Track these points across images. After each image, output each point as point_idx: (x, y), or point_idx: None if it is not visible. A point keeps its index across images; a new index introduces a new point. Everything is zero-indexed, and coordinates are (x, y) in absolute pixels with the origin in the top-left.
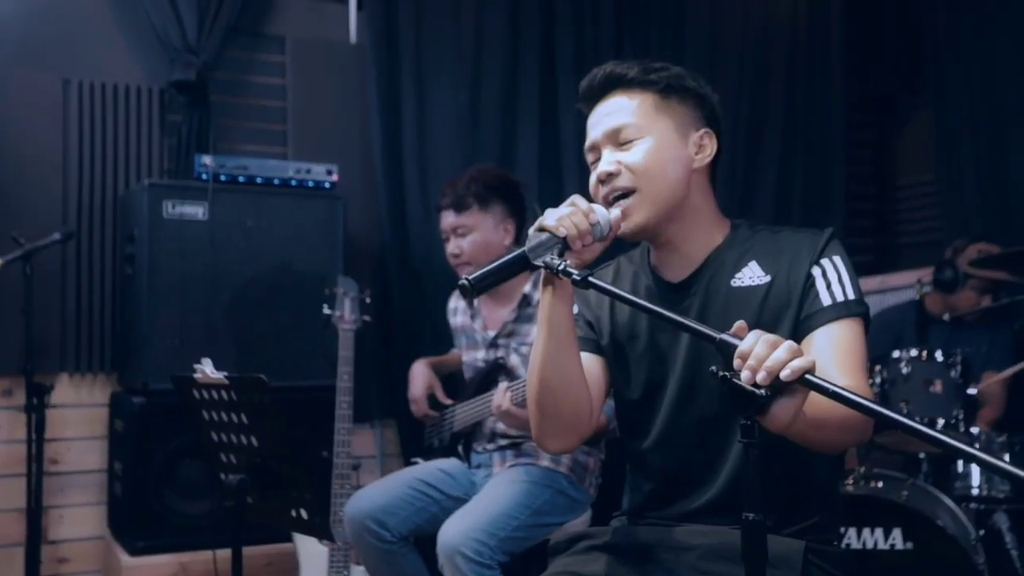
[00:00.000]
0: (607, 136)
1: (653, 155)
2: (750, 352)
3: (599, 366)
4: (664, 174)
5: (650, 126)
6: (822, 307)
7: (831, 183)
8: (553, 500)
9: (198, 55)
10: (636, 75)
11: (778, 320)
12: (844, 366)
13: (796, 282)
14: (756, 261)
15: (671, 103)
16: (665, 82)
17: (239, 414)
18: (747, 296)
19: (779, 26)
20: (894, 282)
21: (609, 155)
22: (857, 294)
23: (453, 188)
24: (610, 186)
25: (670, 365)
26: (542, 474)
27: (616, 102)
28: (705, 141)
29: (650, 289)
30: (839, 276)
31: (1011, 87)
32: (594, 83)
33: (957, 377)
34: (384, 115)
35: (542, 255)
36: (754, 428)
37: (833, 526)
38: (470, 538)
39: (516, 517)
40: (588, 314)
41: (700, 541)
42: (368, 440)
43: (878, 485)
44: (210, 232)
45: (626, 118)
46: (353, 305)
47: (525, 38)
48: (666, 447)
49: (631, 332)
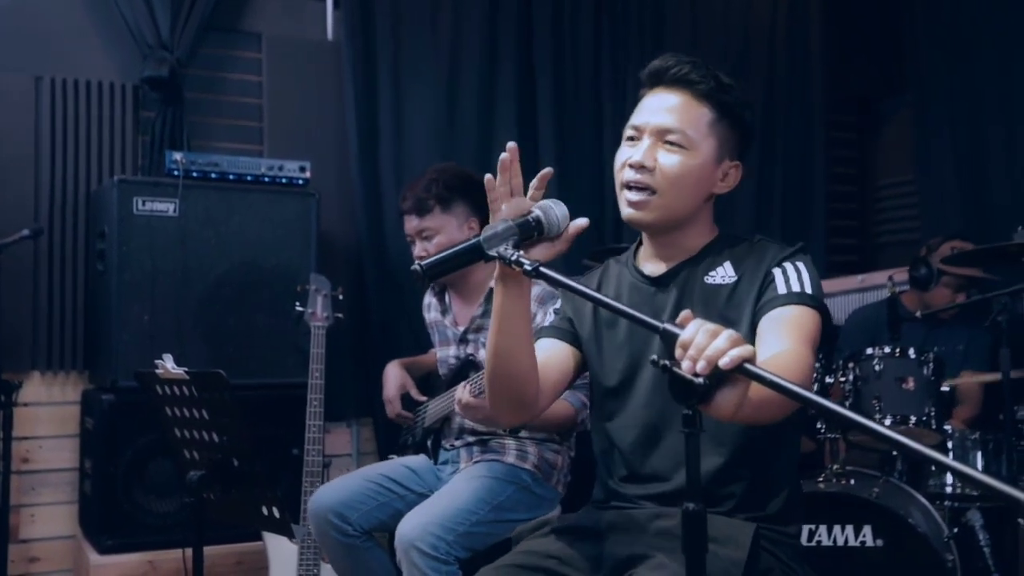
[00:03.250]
0: (658, 129)
1: (688, 171)
2: (691, 341)
3: (564, 355)
4: (688, 191)
5: (699, 142)
6: (777, 294)
7: (811, 183)
8: (517, 496)
9: (172, 51)
10: (707, 89)
11: (740, 314)
12: (790, 334)
13: (757, 280)
14: (729, 262)
15: (723, 125)
16: (728, 106)
17: (200, 410)
18: (716, 292)
19: (759, 26)
20: (874, 281)
21: (650, 147)
22: (815, 291)
23: (413, 191)
24: (636, 176)
25: (646, 354)
26: (505, 470)
27: (679, 100)
28: (731, 172)
29: (632, 284)
30: (798, 275)
31: (989, 87)
32: (667, 74)
33: (930, 375)
34: (360, 113)
35: (496, 245)
36: (695, 418)
37: (792, 518)
38: (427, 532)
39: (475, 512)
40: (570, 309)
41: (655, 522)
42: (344, 438)
43: (850, 482)
44: (181, 229)
45: (682, 124)
46: (325, 302)
47: (503, 37)
48: (638, 435)
49: (611, 321)
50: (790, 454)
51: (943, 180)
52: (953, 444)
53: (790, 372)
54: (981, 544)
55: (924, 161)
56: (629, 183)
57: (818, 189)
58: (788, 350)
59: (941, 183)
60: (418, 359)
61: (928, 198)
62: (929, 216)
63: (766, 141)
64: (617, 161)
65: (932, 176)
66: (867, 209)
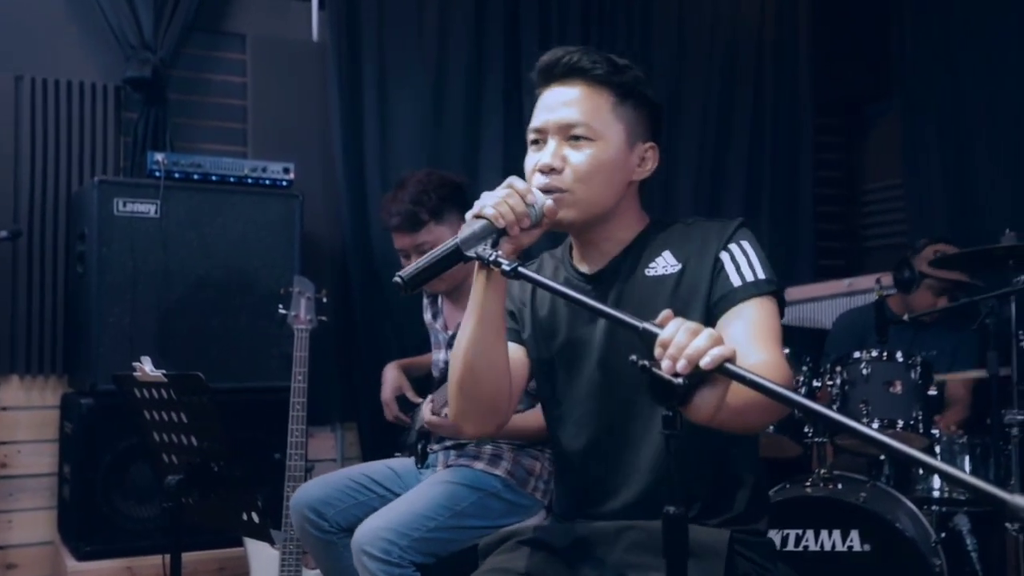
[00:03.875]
0: (560, 127)
1: (598, 162)
2: (671, 341)
3: (520, 355)
4: (603, 183)
5: (604, 130)
6: (733, 288)
7: (799, 186)
8: (483, 503)
9: (155, 52)
10: (601, 73)
11: (688, 306)
12: (759, 342)
13: (705, 268)
14: (669, 251)
15: (627, 107)
16: (627, 86)
17: (179, 413)
18: (659, 284)
19: (747, 30)
20: (861, 285)
21: (555, 147)
22: (767, 273)
23: (398, 205)
24: (548, 180)
25: (588, 358)
26: (473, 477)
27: (575, 93)
28: (649, 155)
29: (569, 281)
30: (747, 258)
31: (976, 92)
32: (557, 67)
33: (917, 378)
34: (346, 115)
35: (474, 246)
36: (676, 419)
37: (759, 516)
38: (378, 537)
39: (433, 518)
40: (511, 305)
41: (627, 534)
42: (329, 443)
43: (837, 487)
44: (162, 230)
45: (582, 116)
46: (309, 305)
47: (490, 38)
48: (587, 440)
49: (551, 326)
50: (749, 446)
51: (930, 184)
52: (941, 448)
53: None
54: (968, 549)
55: (911, 165)
56: (543, 187)
57: (805, 193)
58: (764, 362)
59: (928, 187)
60: (417, 360)
61: (915, 202)
62: (916, 220)
63: (754, 145)
64: (526, 168)
65: (919, 180)
66: (855, 213)
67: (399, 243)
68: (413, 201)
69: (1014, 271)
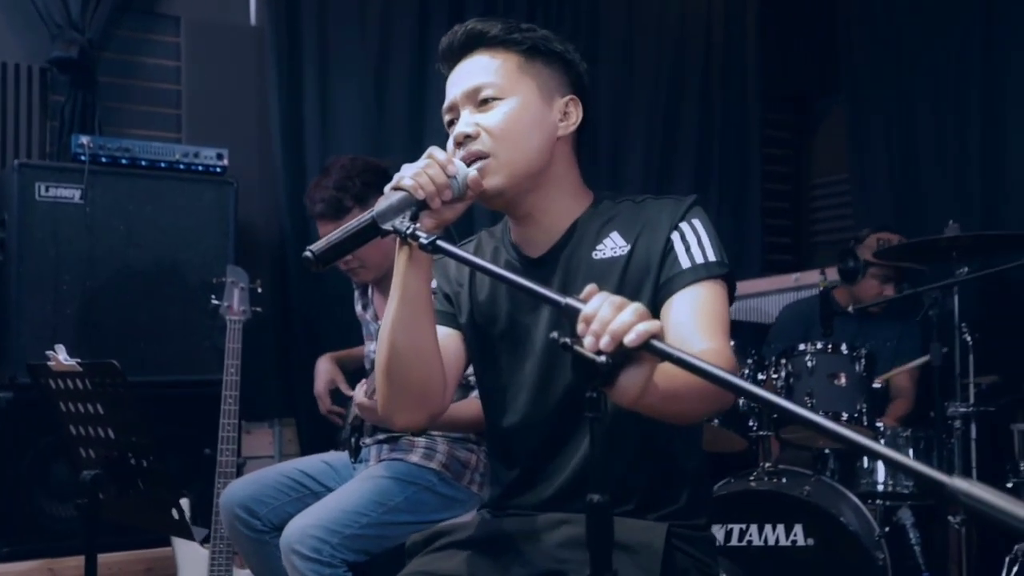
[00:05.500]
0: (466, 96)
1: (514, 118)
2: (594, 316)
3: (456, 341)
4: (525, 139)
5: (512, 87)
6: (681, 270)
7: (747, 182)
8: (418, 497)
9: (83, 33)
10: (499, 33)
11: (639, 289)
12: (705, 329)
13: (655, 249)
14: (617, 231)
15: (536, 65)
16: (530, 42)
17: (95, 404)
18: (608, 267)
19: (695, 23)
20: (808, 280)
21: (468, 116)
22: (718, 256)
23: (322, 192)
24: (467, 149)
25: (530, 344)
26: (407, 470)
27: (477, 61)
28: (571, 108)
29: (511, 264)
30: (698, 239)
31: (921, 87)
32: (455, 41)
33: (862, 370)
34: (284, 101)
35: (391, 218)
36: (600, 401)
37: (701, 511)
38: (307, 535)
39: (365, 515)
40: (447, 287)
41: (559, 529)
42: (266, 439)
43: (781, 481)
44: (88, 217)
45: (487, 77)
46: (243, 296)
47: (434, 26)
48: (527, 430)
49: (491, 310)
50: (692, 440)
51: (876, 179)
52: (885, 441)
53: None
54: (912, 542)
55: (857, 159)
56: (464, 160)
57: (754, 188)
58: (708, 349)
59: (874, 182)
60: (351, 352)
61: (861, 197)
62: (862, 215)
63: (703, 140)
64: (449, 150)
65: (865, 175)
66: (802, 208)
67: (323, 232)
68: (337, 187)
69: (957, 262)
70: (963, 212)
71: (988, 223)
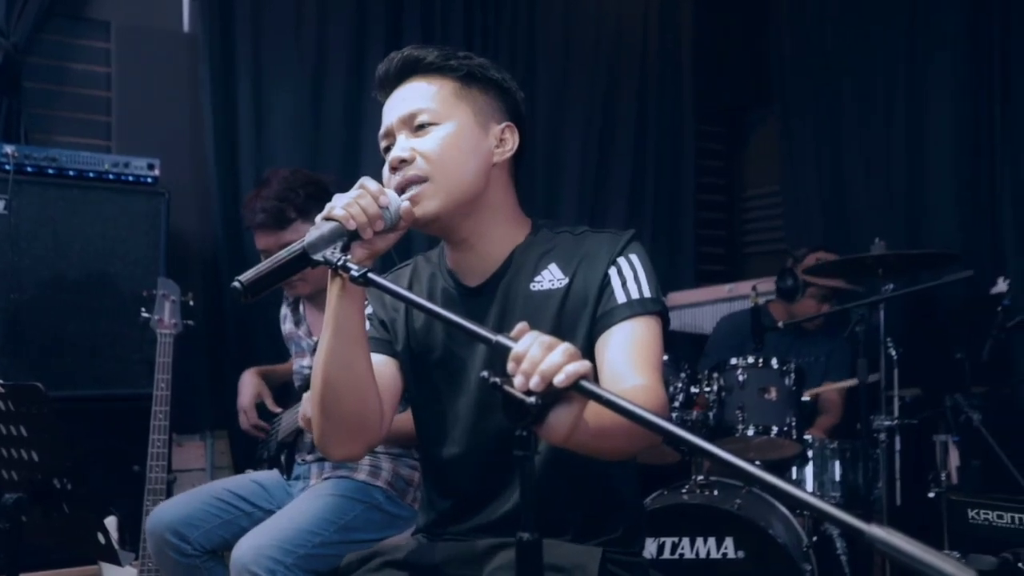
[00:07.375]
0: (402, 121)
1: (450, 143)
2: (524, 355)
3: (392, 369)
4: (460, 164)
5: (448, 112)
6: (616, 304)
7: (681, 192)
8: (367, 515)
9: (7, 37)
10: (435, 60)
11: (576, 323)
12: (638, 366)
13: (593, 283)
14: (556, 263)
15: (472, 92)
16: (466, 69)
17: (17, 426)
18: (545, 300)
19: (630, 35)
20: (741, 291)
21: (403, 141)
22: (654, 292)
23: (263, 201)
24: (402, 174)
25: (466, 377)
26: (356, 488)
27: (413, 87)
28: (507, 135)
29: (447, 293)
30: (635, 274)
31: (849, 100)
32: (391, 68)
33: (791, 385)
34: (218, 110)
35: (322, 249)
36: (530, 440)
37: (636, 538)
38: (262, 555)
39: (319, 533)
40: (383, 314)
41: (496, 555)
42: (198, 452)
43: (713, 493)
44: (12, 228)
45: (423, 103)
46: (174, 309)
47: (371, 33)
48: (463, 462)
49: (426, 339)
50: (628, 470)
51: (806, 191)
52: (813, 453)
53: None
54: (838, 552)
55: (788, 171)
56: (400, 186)
57: (687, 199)
58: (639, 386)
59: (805, 194)
60: (276, 368)
61: (792, 209)
62: (792, 227)
63: (637, 150)
64: (383, 179)
65: (796, 187)
66: (734, 219)
67: (262, 243)
68: (279, 198)
69: (883, 279)
70: (888, 228)
71: (912, 240)
